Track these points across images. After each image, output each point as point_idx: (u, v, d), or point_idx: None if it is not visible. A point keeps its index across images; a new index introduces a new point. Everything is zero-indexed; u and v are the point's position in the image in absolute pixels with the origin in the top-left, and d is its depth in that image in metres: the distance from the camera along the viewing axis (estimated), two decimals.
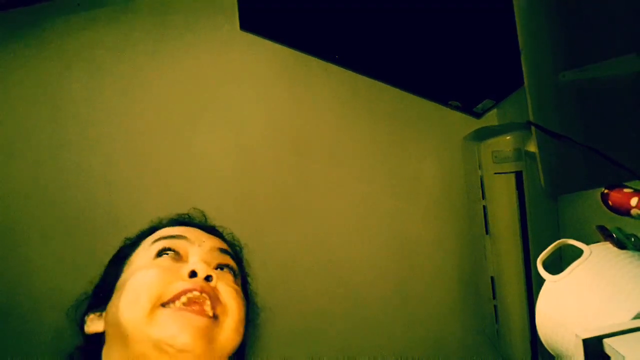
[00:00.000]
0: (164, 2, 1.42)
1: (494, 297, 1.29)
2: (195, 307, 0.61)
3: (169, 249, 0.69)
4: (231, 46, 1.42)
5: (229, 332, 0.63)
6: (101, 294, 0.72)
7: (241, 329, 0.65)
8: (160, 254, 0.69)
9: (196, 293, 0.61)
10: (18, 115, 1.47)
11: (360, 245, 1.48)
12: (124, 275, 0.70)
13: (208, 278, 0.65)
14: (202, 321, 0.60)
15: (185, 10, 1.41)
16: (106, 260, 0.81)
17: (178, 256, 0.69)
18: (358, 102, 1.43)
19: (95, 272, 0.79)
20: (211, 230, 0.81)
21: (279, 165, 1.46)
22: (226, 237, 0.82)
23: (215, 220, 0.91)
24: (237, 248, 0.82)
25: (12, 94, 1.46)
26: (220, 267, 0.71)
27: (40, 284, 1.49)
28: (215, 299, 0.63)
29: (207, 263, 0.68)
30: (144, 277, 0.64)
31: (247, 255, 0.87)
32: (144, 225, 1.50)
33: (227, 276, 0.70)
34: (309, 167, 1.46)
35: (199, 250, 0.70)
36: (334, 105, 1.44)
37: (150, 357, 0.58)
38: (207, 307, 0.62)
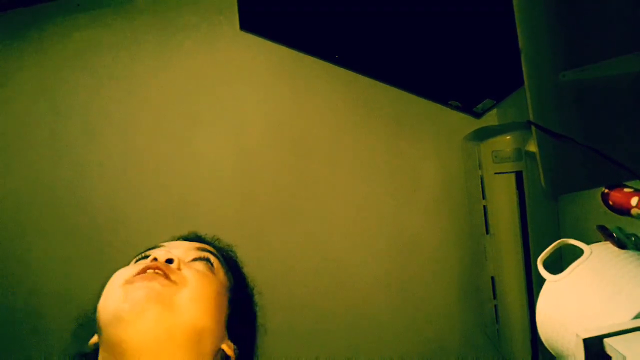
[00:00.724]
0: (163, 2, 1.42)
1: (495, 297, 1.29)
2: (152, 275, 0.62)
3: (146, 256, 0.71)
4: (231, 46, 1.42)
5: (187, 300, 0.63)
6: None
7: (202, 306, 0.64)
8: (137, 260, 0.71)
9: (150, 271, 0.63)
10: (18, 115, 1.47)
11: (360, 246, 1.48)
12: None
13: (169, 261, 0.66)
14: (156, 282, 0.61)
15: (185, 11, 1.41)
16: (105, 260, 0.81)
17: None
18: (358, 102, 1.43)
19: (94, 273, 0.80)
20: (196, 239, 0.81)
21: (279, 165, 1.46)
22: (214, 242, 0.82)
23: (215, 221, 0.91)
24: (232, 253, 0.82)
25: (12, 94, 1.46)
26: (195, 259, 0.71)
27: (40, 283, 1.49)
28: (173, 272, 0.64)
29: (180, 259, 0.69)
30: (117, 273, 0.66)
31: (246, 256, 0.87)
32: (144, 225, 1.50)
33: (199, 264, 0.70)
34: (309, 167, 1.46)
35: (173, 249, 0.71)
36: (334, 105, 1.44)
37: (114, 333, 0.59)
38: (162, 276, 0.63)
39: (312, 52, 1.37)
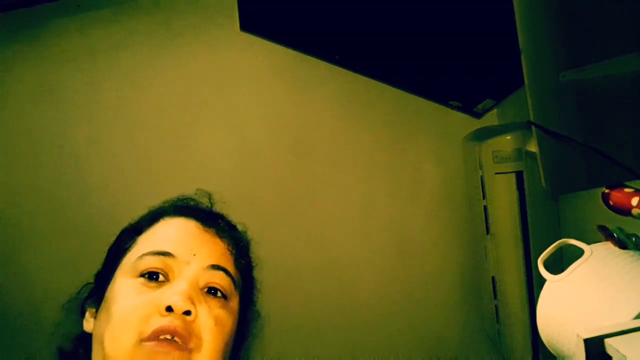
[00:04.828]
0: (164, 3, 1.42)
1: (495, 297, 1.29)
2: (169, 346, 0.62)
3: (153, 272, 0.68)
4: (231, 46, 1.42)
5: None
6: (98, 289, 0.73)
7: (217, 358, 0.65)
8: (143, 274, 0.68)
9: (167, 337, 0.62)
10: (18, 116, 1.47)
11: (360, 246, 1.48)
12: (114, 283, 0.70)
13: (187, 312, 0.64)
14: (173, 355, 0.60)
15: (185, 11, 1.41)
16: None
17: (163, 277, 0.68)
18: (358, 102, 1.43)
19: (94, 272, 0.80)
20: (213, 221, 0.78)
21: (280, 165, 1.46)
22: (231, 232, 0.79)
23: None
24: (242, 244, 0.80)
25: (12, 95, 1.46)
26: (209, 289, 0.69)
27: (40, 284, 1.49)
28: (189, 335, 0.63)
29: (193, 285, 0.67)
30: (123, 309, 0.64)
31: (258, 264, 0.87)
32: None
33: (213, 302, 0.68)
34: (310, 167, 1.46)
35: (186, 270, 0.68)
36: (334, 105, 1.44)
37: None
38: (180, 346, 0.62)
39: (313, 53, 1.37)
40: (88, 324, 0.72)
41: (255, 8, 1.34)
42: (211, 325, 0.65)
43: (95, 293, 0.73)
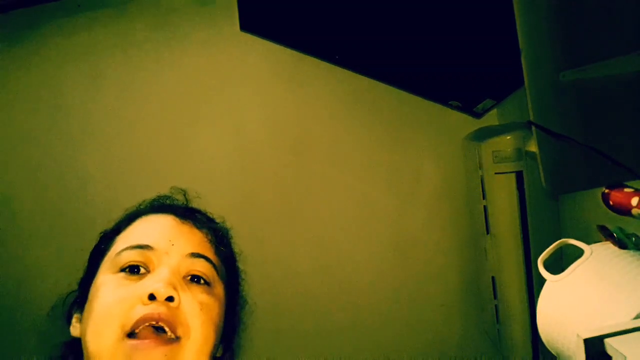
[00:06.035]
0: (164, 3, 1.42)
1: (495, 297, 1.29)
2: (155, 338, 0.61)
3: (133, 264, 0.68)
4: (231, 46, 1.42)
5: (192, 353, 0.63)
6: (82, 293, 0.73)
7: (206, 347, 0.65)
8: (123, 269, 0.68)
9: (153, 323, 0.62)
10: (18, 117, 1.47)
11: (360, 246, 1.48)
12: (95, 282, 0.70)
13: (170, 298, 0.64)
14: (160, 350, 0.60)
15: (185, 11, 1.41)
16: None
17: (144, 270, 0.68)
18: (358, 102, 1.43)
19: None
20: (190, 214, 0.79)
21: (279, 165, 1.46)
22: (208, 223, 0.80)
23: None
24: (220, 233, 0.80)
25: (12, 95, 1.46)
26: (191, 277, 0.69)
27: (40, 284, 1.49)
28: (175, 321, 0.63)
29: (175, 273, 0.67)
30: (106, 303, 0.64)
31: (245, 255, 0.86)
32: None
33: (196, 289, 0.68)
34: (309, 167, 1.46)
35: (166, 260, 0.68)
36: (334, 105, 1.44)
37: None
38: (165, 340, 0.62)
39: (313, 53, 1.37)
40: (75, 329, 0.72)
41: (255, 8, 1.34)
42: (196, 310, 0.65)
43: (80, 298, 0.74)
